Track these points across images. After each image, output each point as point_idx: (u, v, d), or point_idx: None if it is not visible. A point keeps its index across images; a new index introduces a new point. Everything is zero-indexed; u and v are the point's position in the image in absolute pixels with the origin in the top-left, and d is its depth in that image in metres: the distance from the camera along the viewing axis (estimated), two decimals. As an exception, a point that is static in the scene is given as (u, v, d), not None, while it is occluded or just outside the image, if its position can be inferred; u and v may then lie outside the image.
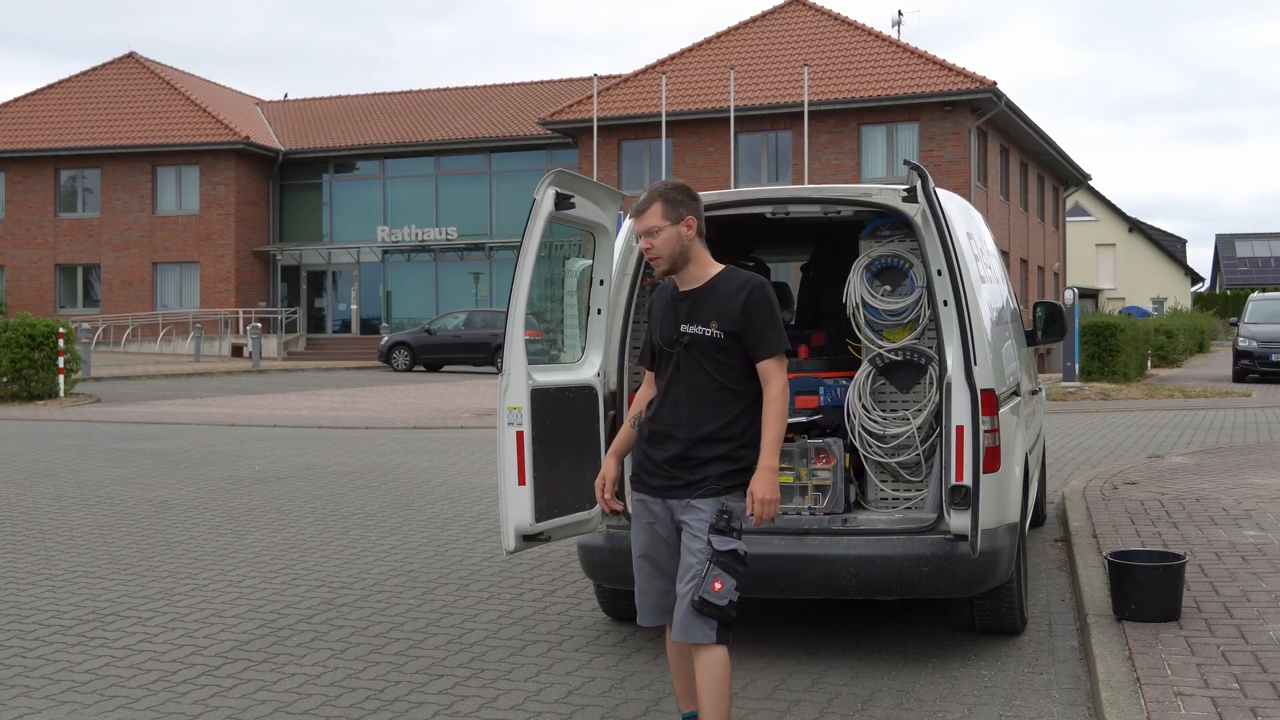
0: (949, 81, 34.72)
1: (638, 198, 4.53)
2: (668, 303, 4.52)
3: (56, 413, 20.29)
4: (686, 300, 4.45)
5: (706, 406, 4.39)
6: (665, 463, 4.42)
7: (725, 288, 4.42)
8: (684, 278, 4.48)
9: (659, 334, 4.51)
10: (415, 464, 13.23)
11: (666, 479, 4.42)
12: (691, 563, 4.30)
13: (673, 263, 4.45)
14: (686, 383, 4.41)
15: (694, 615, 4.26)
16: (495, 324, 34.23)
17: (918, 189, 5.66)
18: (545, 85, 47.03)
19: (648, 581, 4.55)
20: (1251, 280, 72.11)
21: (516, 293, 5.42)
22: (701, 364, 4.39)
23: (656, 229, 4.42)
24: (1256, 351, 27.09)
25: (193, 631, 6.54)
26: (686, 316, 4.42)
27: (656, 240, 4.41)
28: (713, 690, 4.29)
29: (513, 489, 5.54)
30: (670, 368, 4.46)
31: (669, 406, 4.44)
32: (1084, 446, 14.12)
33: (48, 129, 44.92)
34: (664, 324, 4.49)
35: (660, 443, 4.44)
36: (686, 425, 4.39)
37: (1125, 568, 6.05)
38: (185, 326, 41.64)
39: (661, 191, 4.47)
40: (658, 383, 4.55)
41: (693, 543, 4.32)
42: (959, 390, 5.48)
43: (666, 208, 4.43)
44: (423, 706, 5.34)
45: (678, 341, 4.43)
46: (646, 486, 4.50)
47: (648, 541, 4.52)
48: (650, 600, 4.56)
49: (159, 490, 11.35)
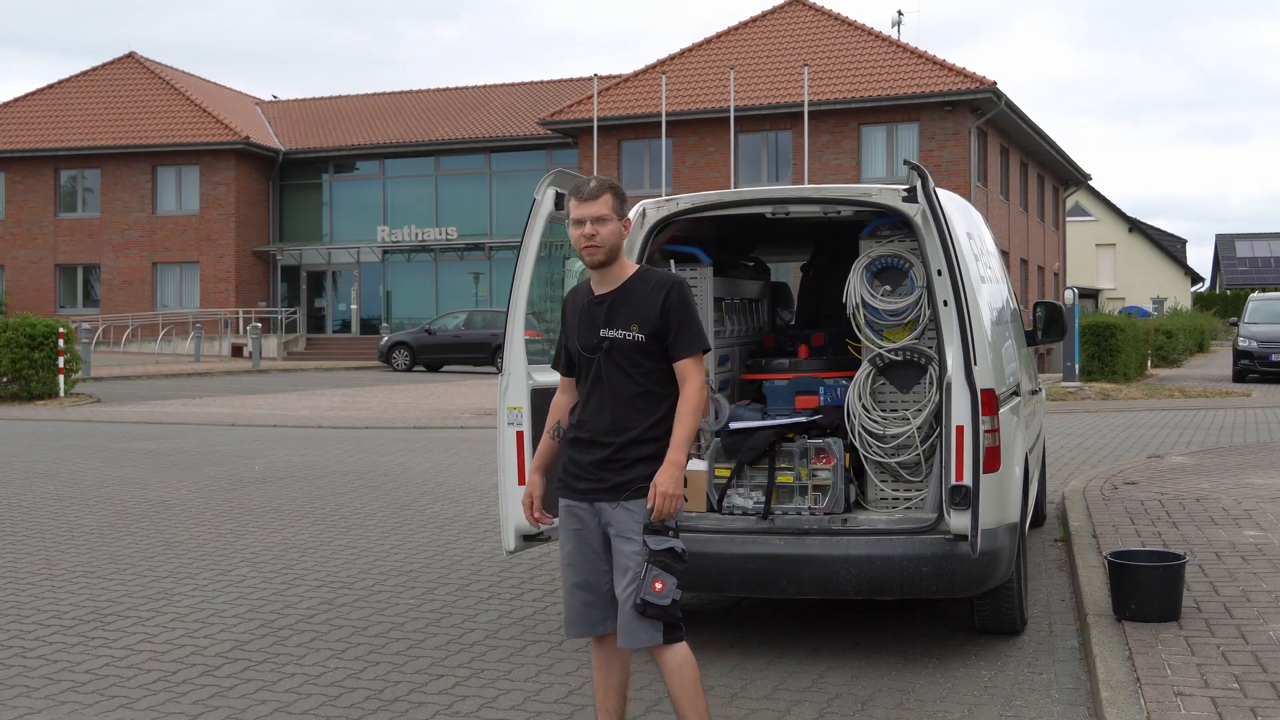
0: (949, 81, 34.72)
1: (581, 184, 4.38)
2: (583, 307, 4.41)
3: (56, 413, 20.29)
4: (604, 304, 4.36)
5: (630, 410, 4.31)
6: (592, 466, 4.33)
7: (643, 289, 4.34)
8: (606, 277, 4.38)
9: (577, 339, 4.40)
10: (415, 464, 13.23)
11: (594, 482, 4.33)
12: (628, 565, 4.23)
13: (608, 255, 4.35)
14: (609, 387, 4.33)
15: (637, 619, 4.19)
16: (495, 324, 34.22)
17: (918, 189, 5.66)
18: (545, 85, 47.02)
19: (570, 592, 4.45)
20: (1251, 280, 72.09)
21: (516, 293, 5.42)
22: (623, 368, 4.32)
23: (605, 218, 4.31)
24: (1256, 351, 27.10)
25: (193, 631, 6.54)
26: (605, 321, 4.34)
27: (604, 229, 4.30)
28: (687, 692, 4.24)
29: (513, 489, 5.54)
30: (591, 373, 4.37)
31: (592, 412, 4.36)
32: (1084, 446, 14.12)
33: (48, 129, 44.91)
34: (581, 329, 4.39)
35: (585, 448, 4.36)
36: (611, 430, 4.31)
37: (1125, 568, 6.05)
38: (185, 326, 41.62)
39: (611, 185, 4.38)
40: (579, 388, 4.45)
41: (626, 545, 4.25)
42: (959, 390, 5.48)
43: (615, 201, 4.35)
44: (423, 706, 5.34)
45: (598, 347, 4.34)
46: (573, 491, 4.39)
47: (573, 550, 4.41)
48: (572, 611, 4.45)
49: (159, 490, 11.34)
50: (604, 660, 4.47)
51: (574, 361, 4.46)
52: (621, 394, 4.32)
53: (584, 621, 4.43)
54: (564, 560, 4.46)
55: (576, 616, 4.44)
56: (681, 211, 6.39)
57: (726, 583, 5.87)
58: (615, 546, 4.29)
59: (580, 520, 4.39)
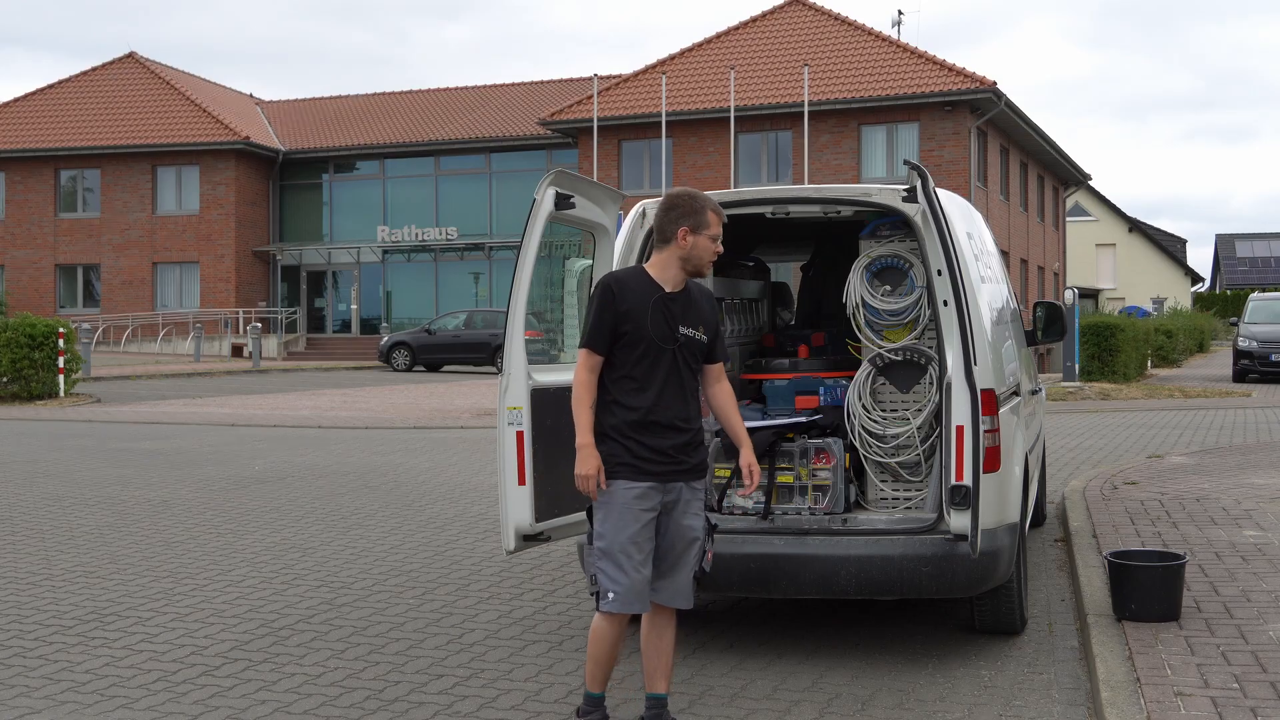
0: (949, 81, 34.72)
1: (696, 200, 4.79)
2: (658, 301, 4.73)
3: (56, 413, 20.29)
4: (677, 303, 4.76)
5: (695, 400, 4.80)
6: (673, 450, 4.70)
7: (700, 296, 4.88)
8: (677, 279, 4.81)
9: (653, 330, 4.69)
10: (415, 464, 13.23)
11: (674, 465, 4.70)
12: (694, 538, 4.75)
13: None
14: (680, 378, 4.75)
15: (692, 584, 4.78)
16: (495, 324, 34.22)
17: (918, 189, 5.66)
18: (545, 85, 47.03)
19: (638, 569, 4.67)
20: (1251, 280, 72.10)
21: (516, 293, 5.42)
22: (689, 363, 4.79)
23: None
24: (1256, 351, 27.10)
25: (193, 631, 6.54)
26: (681, 319, 4.75)
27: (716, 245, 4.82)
28: (671, 652, 4.85)
29: (513, 489, 5.54)
30: (664, 363, 4.71)
31: (669, 399, 4.71)
32: (1084, 446, 14.12)
33: (48, 129, 44.92)
34: (656, 321, 4.70)
35: (663, 433, 4.69)
36: (687, 417, 4.74)
37: (1125, 568, 6.05)
38: (185, 326, 41.65)
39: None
40: (638, 375, 4.70)
41: (695, 520, 4.76)
42: (959, 390, 5.48)
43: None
44: (423, 706, 5.34)
45: (674, 339, 4.73)
46: (647, 474, 4.67)
47: (638, 531, 4.66)
48: (638, 589, 4.68)
49: (159, 490, 11.35)
50: (660, 626, 4.83)
51: (629, 346, 4.69)
52: (689, 385, 4.79)
53: (646, 597, 4.72)
54: (626, 539, 4.64)
55: (642, 593, 4.69)
56: (682, 212, 6.38)
57: (726, 583, 5.86)
58: (676, 521, 4.73)
59: (649, 501, 4.68)
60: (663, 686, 4.86)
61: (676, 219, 4.75)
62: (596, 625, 4.76)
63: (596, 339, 4.70)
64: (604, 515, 4.69)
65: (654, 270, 4.79)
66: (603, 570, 4.67)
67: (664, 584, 4.75)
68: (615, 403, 4.71)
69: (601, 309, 4.68)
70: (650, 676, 4.88)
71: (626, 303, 4.69)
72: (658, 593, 4.76)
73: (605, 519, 4.68)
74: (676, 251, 4.75)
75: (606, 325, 4.69)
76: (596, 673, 4.82)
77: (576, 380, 4.72)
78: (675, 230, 4.75)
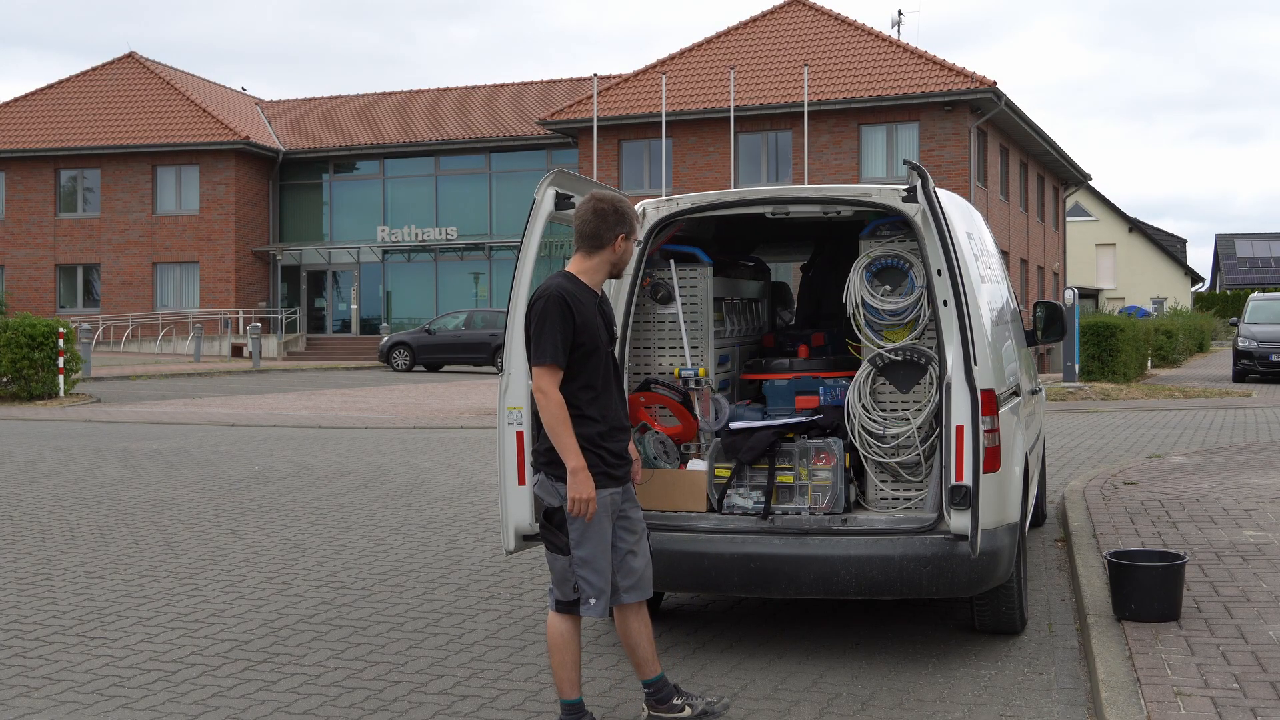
0: (949, 81, 34.72)
1: (628, 207, 4.95)
2: (597, 307, 4.87)
3: (57, 413, 20.29)
4: (606, 305, 4.99)
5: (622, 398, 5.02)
6: (624, 451, 4.90)
7: (604, 294, 5.04)
8: (603, 284, 4.99)
9: (603, 336, 4.85)
10: (415, 464, 13.23)
11: (626, 466, 4.91)
12: (642, 530, 4.95)
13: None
14: (618, 377, 4.96)
15: (651, 571, 4.97)
16: (495, 324, 34.20)
17: (918, 189, 5.66)
18: (545, 85, 47.02)
19: (611, 571, 4.82)
20: (1251, 280, 72.08)
21: (516, 293, 5.42)
22: (617, 362, 5.00)
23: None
24: (1256, 351, 27.10)
25: (193, 631, 6.55)
26: (610, 320, 4.96)
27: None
28: (652, 633, 4.97)
29: (513, 489, 5.54)
30: (606, 366, 4.85)
31: (616, 401, 4.90)
32: (1084, 446, 14.12)
33: (48, 129, 44.91)
34: (599, 327, 4.84)
35: (619, 437, 4.89)
36: (625, 415, 4.97)
37: (1125, 568, 6.05)
38: (185, 326, 41.65)
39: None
40: (600, 382, 4.81)
41: (637, 513, 4.95)
42: (959, 390, 5.48)
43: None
44: (423, 706, 5.34)
45: (612, 341, 4.95)
46: (614, 480, 4.82)
47: (610, 535, 4.82)
48: (610, 590, 4.81)
49: (159, 490, 11.35)
50: (636, 618, 4.91)
51: (585, 356, 4.77)
52: (619, 385, 4.95)
53: (613, 594, 4.84)
54: (604, 545, 4.78)
55: (609, 591, 4.81)
56: (681, 211, 6.39)
57: (726, 583, 5.86)
58: (625, 514, 4.89)
59: (616, 504, 4.85)
60: (656, 668, 5.00)
61: (615, 225, 4.87)
62: (561, 630, 4.84)
63: (561, 354, 4.71)
64: (584, 526, 4.74)
65: (585, 276, 4.88)
66: (585, 579, 4.76)
67: (626, 580, 4.86)
68: (579, 415, 4.75)
69: (563, 323, 4.70)
70: (641, 666, 4.99)
71: (581, 315, 4.76)
72: (628, 592, 4.87)
73: (587, 529, 4.74)
74: (609, 256, 4.90)
75: (568, 339, 4.72)
76: (569, 677, 4.86)
77: (549, 400, 4.67)
78: (614, 236, 4.88)
